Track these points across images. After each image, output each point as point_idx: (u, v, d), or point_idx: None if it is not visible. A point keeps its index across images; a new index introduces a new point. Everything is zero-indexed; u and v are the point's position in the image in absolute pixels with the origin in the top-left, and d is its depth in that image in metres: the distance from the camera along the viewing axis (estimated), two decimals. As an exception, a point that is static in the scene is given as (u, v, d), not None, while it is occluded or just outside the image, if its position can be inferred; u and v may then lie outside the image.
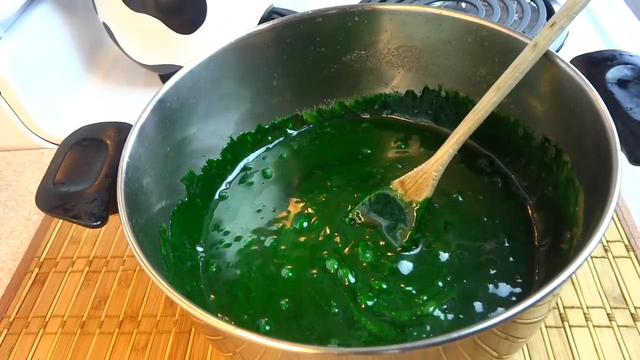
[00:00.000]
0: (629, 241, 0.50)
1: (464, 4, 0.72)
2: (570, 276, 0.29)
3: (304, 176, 0.52)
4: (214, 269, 0.46)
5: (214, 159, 0.51)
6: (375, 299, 0.41)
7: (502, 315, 0.28)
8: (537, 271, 0.43)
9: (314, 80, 0.54)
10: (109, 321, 0.50)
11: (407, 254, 0.44)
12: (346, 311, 0.41)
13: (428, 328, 0.40)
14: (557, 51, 0.58)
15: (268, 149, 0.55)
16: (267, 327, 0.41)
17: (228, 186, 0.52)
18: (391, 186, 0.47)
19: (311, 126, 0.56)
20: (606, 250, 0.49)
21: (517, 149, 0.48)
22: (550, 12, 0.69)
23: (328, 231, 0.47)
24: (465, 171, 0.50)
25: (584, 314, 0.45)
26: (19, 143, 0.69)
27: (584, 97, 0.39)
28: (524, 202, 0.47)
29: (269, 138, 0.55)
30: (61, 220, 0.58)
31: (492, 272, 0.42)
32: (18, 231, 0.60)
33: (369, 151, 0.54)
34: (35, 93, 0.68)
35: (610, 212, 0.32)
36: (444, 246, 0.44)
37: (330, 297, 0.42)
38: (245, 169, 0.54)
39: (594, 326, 0.44)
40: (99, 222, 0.38)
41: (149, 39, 0.67)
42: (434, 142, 0.53)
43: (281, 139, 0.56)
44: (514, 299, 0.41)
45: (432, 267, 0.43)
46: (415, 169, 0.46)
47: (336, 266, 0.44)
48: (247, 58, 0.50)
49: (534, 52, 0.41)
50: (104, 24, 0.70)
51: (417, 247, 0.44)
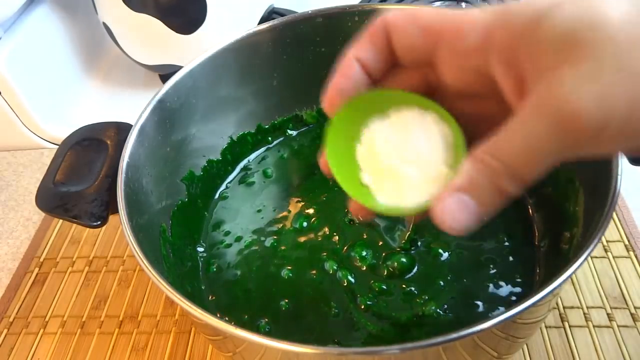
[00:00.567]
0: (629, 241, 0.50)
1: (464, 4, 0.72)
2: (570, 276, 0.29)
3: (304, 176, 0.52)
4: (214, 269, 0.46)
5: (214, 159, 0.51)
6: (375, 300, 0.41)
7: (502, 315, 0.28)
8: (537, 271, 0.42)
9: (314, 80, 0.54)
10: (109, 321, 0.50)
11: (408, 252, 0.44)
12: (346, 312, 0.41)
13: (428, 328, 0.39)
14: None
15: (268, 148, 0.55)
16: (267, 328, 0.41)
17: (228, 186, 0.52)
18: None
19: (311, 126, 0.56)
20: (606, 250, 0.49)
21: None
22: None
23: (327, 231, 0.47)
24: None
25: (584, 314, 0.45)
26: (19, 143, 0.69)
27: (584, 97, 0.38)
28: (524, 201, 0.47)
29: (269, 138, 0.55)
30: (61, 220, 0.58)
31: (492, 271, 0.42)
32: (18, 231, 0.60)
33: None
34: (35, 93, 0.68)
35: (610, 212, 0.32)
36: (443, 245, 0.44)
37: (330, 297, 0.42)
38: (245, 168, 0.54)
39: (594, 326, 0.45)
40: (99, 222, 0.38)
41: (149, 39, 0.67)
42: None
43: (281, 139, 0.56)
44: (514, 298, 0.41)
45: (432, 267, 0.43)
46: None
47: (335, 267, 0.44)
48: (247, 58, 0.50)
49: None
50: (104, 24, 0.70)
51: (415, 247, 0.44)
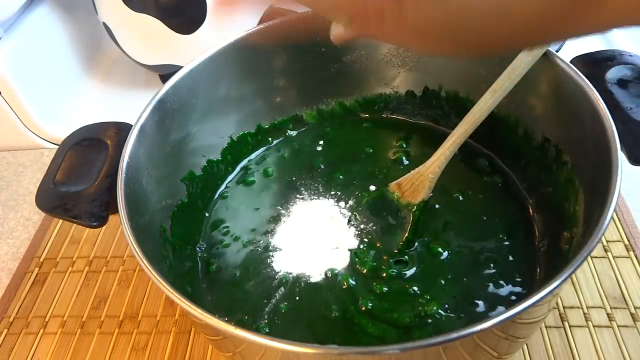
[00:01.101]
0: (629, 241, 0.50)
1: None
2: (570, 276, 0.29)
3: (305, 176, 0.52)
4: (214, 269, 0.46)
5: (214, 159, 0.51)
6: (376, 301, 0.41)
7: (502, 315, 0.28)
8: (537, 271, 0.42)
9: (314, 80, 0.54)
10: (109, 321, 0.50)
11: (407, 254, 0.44)
12: (346, 314, 0.41)
13: (430, 329, 0.39)
14: (557, 51, 0.58)
15: (269, 148, 0.55)
16: (267, 330, 0.41)
17: (228, 186, 0.52)
18: (388, 188, 0.47)
19: (311, 126, 0.56)
20: (606, 250, 0.49)
21: (517, 149, 0.48)
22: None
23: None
24: (465, 170, 0.50)
25: (584, 314, 0.45)
26: (19, 143, 0.69)
27: (584, 97, 0.39)
28: (524, 201, 0.47)
29: (269, 138, 0.55)
30: (61, 220, 0.58)
31: (493, 271, 0.42)
32: (18, 231, 0.60)
33: (371, 150, 0.53)
34: (35, 93, 0.68)
35: (610, 212, 0.32)
36: (444, 245, 0.44)
37: (330, 300, 0.42)
38: (245, 168, 0.54)
39: (594, 326, 0.45)
40: (99, 222, 0.38)
41: (149, 39, 0.67)
42: (434, 141, 0.53)
43: (281, 139, 0.56)
44: (514, 298, 0.41)
45: (433, 267, 0.43)
46: (412, 171, 0.46)
47: (336, 271, 0.44)
48: (247, 58, 0.50)
49: (530, 55, 0.41)
50: (104, 24, 0.70)
51: (414, 248, 0.44)
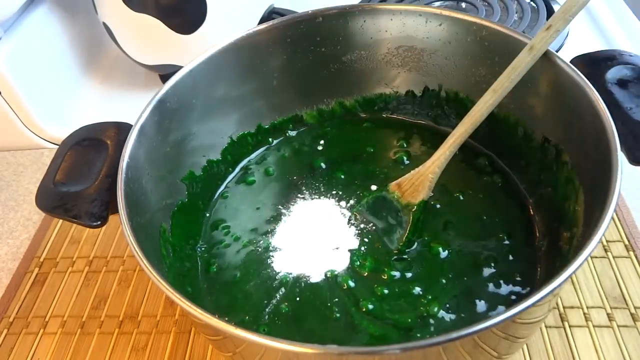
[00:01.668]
0: (629, 241, 0.50)
1: (464, 4, 0.72)
2: (570, 276, 0.29)
3: (306, 175, 0.52)
4: (215, 270, 0.46)
5: (214, 159, 0.51)
6: (377, 302, 0.41)
7: (502, 315, 0.28)
8: (537, 271, 0.43)
9: (314, 80, 0.54)
10: (109, 321, 0.50)
11: (406, 254, 0.44)
12: (347, 315, 0.41)
13: (432, 329, 0.39)
14: (557, 51, 0.58)
15: (269, 148, 0.55)
16: (265, 329, 0.41)
17: (228, 186, 0.52)
18: (388, 188, 0.47)
19: (311, 126, 0.56)
20: (606, 250, 0.49)
21: (517, 149, 0.48)
22: (550, 12, 0.69)
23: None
24: (466, 170, 0.50)
25: (584, 314, 0.45)
26: (19, 143, 0.69)
27: (584, 97, 0.39)
28: (525, 201, 0.47)
29: (270, 138, 0.55)
30: (61, 220, 0.58)
31: (493, 271, 0.42)
32: (18, 231, 0.60)
33: (372, 150, 0.53)
34: (35, 93, 0.68)
35: (610, 212, 0.32)
36: (444, 244, 0.44)
37: (331, 301, 0.42)
38: (245, 168, 0.53)
39: (594, 326, 0.45)
40: (99, 222, 0.38)
41: (149, 39, 0.67)
42: (434, 141, 0.53)
43: (281, 139, 0.56)
44: (514, 298, 0.41)
45: (433, 266, 0.43)
46: (412, 171, 0.46)
47: (335, 272, 0.44)
48: (247, 58, 0.50)
49: (530, 55, 0.41)
50: (104, 24, 0.70)
51: (413, 248, 0.44)
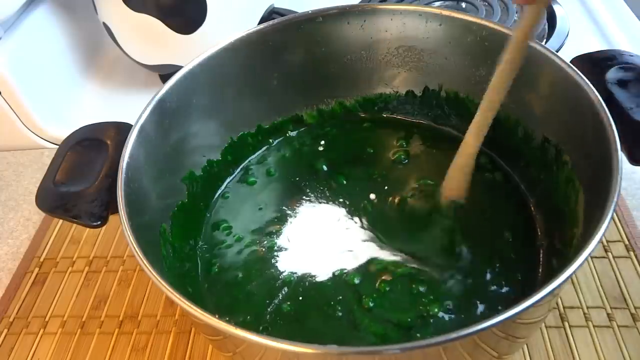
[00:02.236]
0: (629, 241, 0.50)
1: (464, 4, 0.72)
2: (570, 276, 0.29)
3: (308, 176, 0.52)
4: (215, 270, 0.46)
5: (214, 159, 0.51)
6: (379, 300, 0.41)
7: (502, 315, 0.28)
8: (538, 271, 0.43)
9: (314, 80, 0.54)
10: (109, 321, 0.50)
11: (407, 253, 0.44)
12: (349, 314, 0.41)
13: (432, 329, 0.39)
14: (557, 51, 0.58)
15: (269, 148, 0.55)
16: (268, 328, 0.41)
17: (229, 186, 0.52)
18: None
19: (311, 126, 0.56)
20: (606, 250, 0.49)
21: (517, 149, 0.48)
22: (550, 12, 0.69)
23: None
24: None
25: (584, 314, 0.45)
26: (19, 143, 0.69)
27: (584, 97, 0.39)
28: (526, 201, 0.47)
29: (270, 138, 0.55)
30: (61, 220, 0.58)
31: (493, 271, 0.42)
32: (18, 231, 0.60)
33: (372, 150, 0.54)
34: (35, 93, 0.68)
35: (610, 212, 0.32)
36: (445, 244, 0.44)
37: (334, 299, 0.42)
38: (246, 168, 0.54)
39: (594, 326, 0.44)
40: (99, 222, 0.38)
41: (149, 39, 0.67)
42: (434, 141, 0.53)
43: (282, 139, 0.56)
44: (514, 298, 0.41)
45: (437, 267, 0.43)
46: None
47: (346, 270, 0.44)
48: (247, 58, 0.50)
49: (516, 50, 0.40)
50: (104, 24, 0.70)
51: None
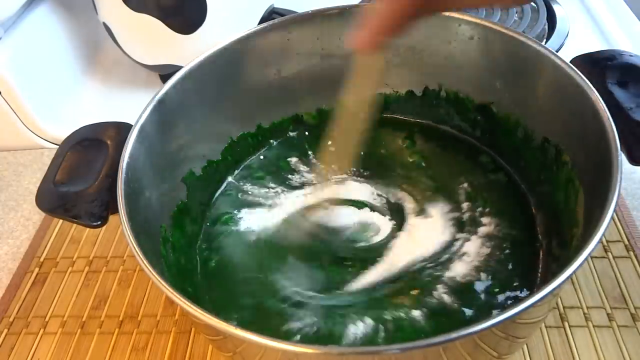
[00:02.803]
0: (629, 241, 0.50)
1: (464, 4, 0.72)
2: (570, 276, 0.29)
3: (310, 176, 0.52)
4: (215, 270, 0.46)
5: (214, 159, 0.51)
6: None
7: (502, 315, 0.28)
8: (537, 271, 0.43)
9: (314, 80, 0.54)
10: (109, 321, 0.50)
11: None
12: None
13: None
14: (557, 51, 0.58)
15: (269, 149, 0.55)
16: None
17: (229, 186, 0.52)
18: None
19: (311, 126, 0.56)
20: (606, 250, 0.49)
21: (517, 149, 0.48)
22: (550, 12, 0.69)
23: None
24: (467, 169, 0.50)
25: (584, 314, 0.45)
26: (19, 143, 0.69)
27: (584, 97, 0.39)
28: (526, 201, 0.47)
29: (270, 138, 0.55)
30: (61, 220, 0.58)
31: (493, 271, 0.42)
32: (18, 231, 0.60)
33: (372, 151, 0.54)
34: (35, 93, 0.68)
35: (610, 212, 0.32)
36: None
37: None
38: (246, 168, 0.54)
39: (594, 326, 0.44)
40: (99, 222, 0.38)
41: (149, 39, 0.67)
42: (435, 141, 0.53)
43: (282, 139, 0.56)
44: (514, 298, 0.41)
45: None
46: None
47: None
48: (247, 58, 0.50)
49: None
50: (104, 24, 0.70)
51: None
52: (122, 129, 0.43)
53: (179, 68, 0.46)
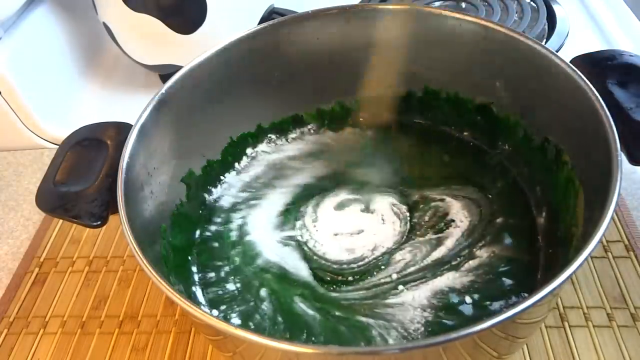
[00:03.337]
0: (628, 241, 0.50)
1: (464, 4, 0.72)
2: (570, 276, 0.29)
3: (311, 177, 0.52)
4: (215, 270, 0.46)
5: (214, 159, 0.51)
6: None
7: (502, 315, 0.28)
8: (537, 271, 0.43)
9: (314, 80, 0.54)
10: (109, 321, 0.50)
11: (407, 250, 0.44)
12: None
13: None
14: (557, 51, 0.58)
15: (270, 148, 0.55)
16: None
17: (229, 186, 0.52)
18: None
19: (311, 126, 0.56)
20: (606, 250, 0.49)
21: (517, 149, 0.48)
22: (550, 12, 0.69)
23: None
24: (467, 169, 0.50)
25: (584, 314, 0.45)
26: (19, 143, 0.69)
27: (584, 97, 0.38)
28: (526, 201, 0.47)
29: (270, 138, 0.55)
30: (61, 220, 0.58)
31: (493, 271, 0.42)
32: (18, 231, 0.60)
33: (373, 150, 0.54)
34: (35, 93, 0.68)
35: (610, 212, 0.32)
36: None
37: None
38: (245, 168, 0.53)
39: (594, 326, 0.44)
40: (99, 222, 0.38)
41: (149, 39, 0.67)
42: (435, 141, 0.53)
43: (282, 138, 0.56)
44: (514, 298, 0.41)
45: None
46: None
47: None
48: (247, 58, 0.50)
49: None
50: (104, 24, 0.70)
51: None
52: (122, 129, 0.43)
53: (179, 68, 0.46)
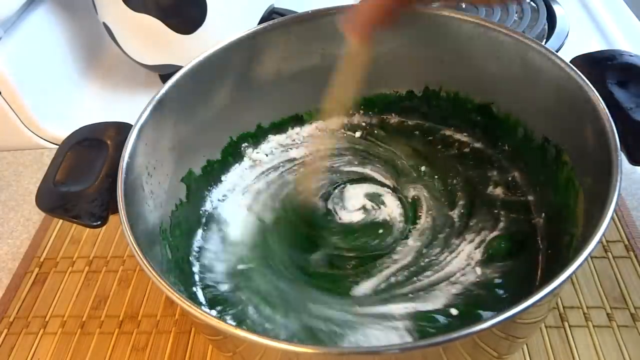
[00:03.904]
0: (628, 241, 0.50)
1: (463, 4, 0.72)
2: (570, 276, 0.29)
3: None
4: (215, 270, 0.46)
5: (214, 159, 0.51)
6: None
7: (502, 315, 0.28)
8: (537, 271, 0.43)
9: (314, 80, 0.54)
10: (109, 321, 0.50)
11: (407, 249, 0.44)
12: None
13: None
14: (557, 51, 0.58)
15: (270, 148, 0.55)
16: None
17: (229, 186, 0.52)
18: None
19: (311, 126, 0.56)
20: (606, 250, 0.49)
21: (517, 149, 0.48)
22: (550, 12, 0.69)
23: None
24: (467, 170, 0.50)
25: (584, 314, 0.45)
26: (19, 143, 0.69)
27: (583, 97, 0.38)
28: (526, 201, 0.47)
29: (270, 138, 0.55)
30: (61, 220, 0.58)
31: (493, 271, 0.42)
32: (18, 231, 0.60)
33: (372, 150, 0.54)
34: (35, 93, 0.68)
35: (610, 212, 0.32)
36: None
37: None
38: (245, 168, 0.53)
39: (594, 326, 0.45)
40: (99, 222, 0.38)
41: (149, 39, 0.67)
42: (435, 141, 0.53)
43: (282, 138, 0.56)
44: (513, 298, 0.41)
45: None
46: None
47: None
48: (247, 58, 0.50)
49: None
50: (104, 24, 0.70)
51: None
52: (122, 129, 0.43)
53: (179, 68, 0.46)
